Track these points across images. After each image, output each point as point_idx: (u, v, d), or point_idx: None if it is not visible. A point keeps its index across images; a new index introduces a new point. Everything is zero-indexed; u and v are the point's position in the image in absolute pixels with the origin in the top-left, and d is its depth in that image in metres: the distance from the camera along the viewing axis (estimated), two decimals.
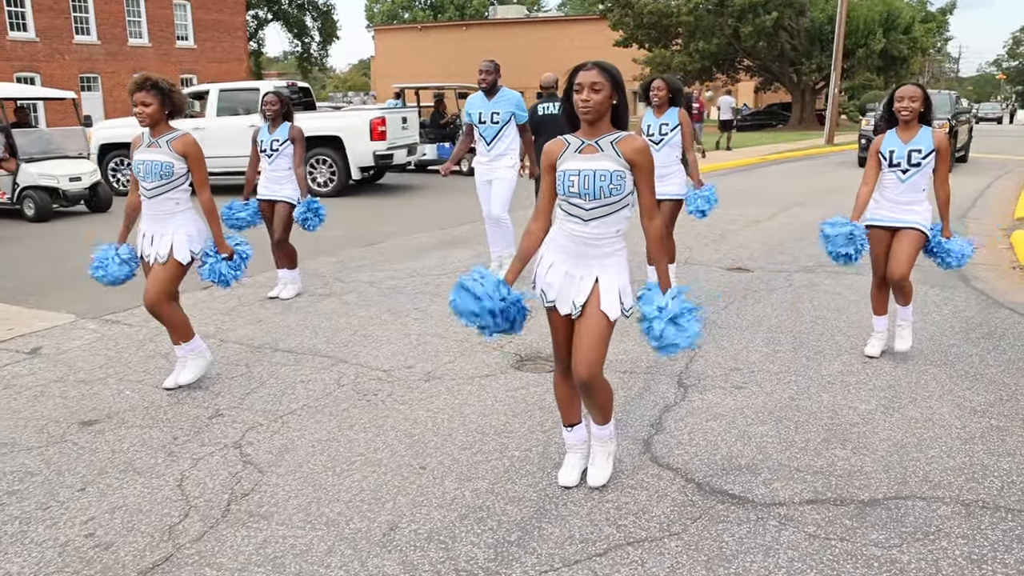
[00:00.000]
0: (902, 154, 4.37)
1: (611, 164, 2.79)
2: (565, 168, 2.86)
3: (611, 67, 2.83)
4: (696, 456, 3.41)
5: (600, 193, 2.80)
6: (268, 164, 6.17)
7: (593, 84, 2.76)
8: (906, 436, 3.57)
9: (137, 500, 3.21)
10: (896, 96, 4.39)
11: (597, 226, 2.85)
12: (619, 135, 2.85)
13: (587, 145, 2.86)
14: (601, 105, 2.79)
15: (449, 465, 3.44)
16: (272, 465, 3.49)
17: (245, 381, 4.56)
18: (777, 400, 4.01)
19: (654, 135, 5.91)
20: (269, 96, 6.13)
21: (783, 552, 2.68)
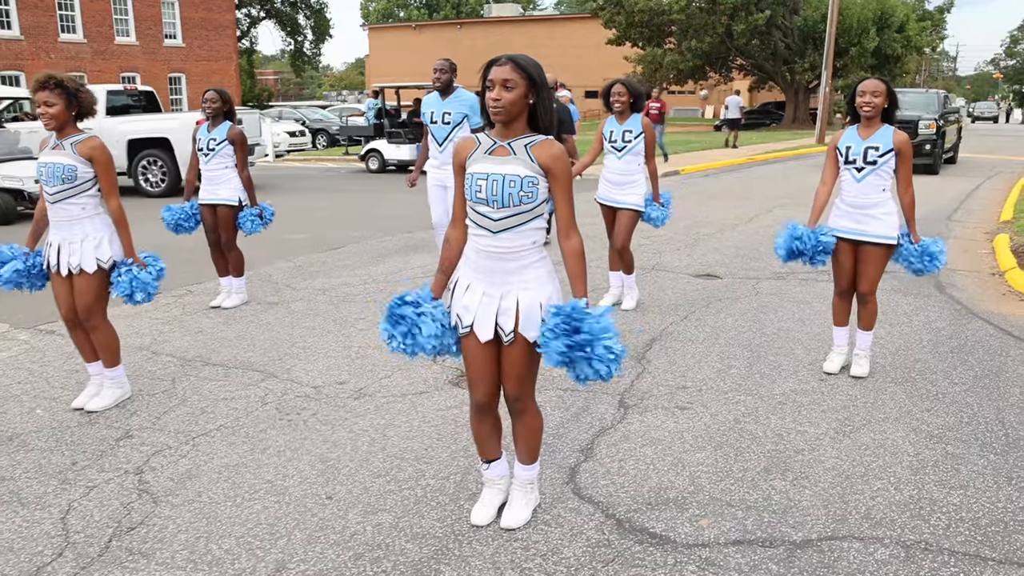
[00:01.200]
0: (858, 151, 4.13)
1: (523, 169, 2.52)
2: (473, 170, 2.59)
3: (529, 63, 2.53)
4: (622, 487, 3.14)
5: (509, 200, 2.52)
6: (204, 164, 5.90)
7: (505, 81, 2.47)
8: (853, 465, 3.30)
9: (11, 536, 2.94)
10: (858, 91, 4.14)
11: (509, 238, 2.57)
12: (535, 138, 2.57)
13: (499, 146, 2.59)
14: (513, 105, 2.50)
15: (358, 495, 3.18)
16: (169, 494, 3.23)
17: (166, 398, 4.30)
18: (721, 423, 3.75)
19: (616, 142, 5.64)
20: (209, 93, 5.87)
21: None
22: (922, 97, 17.29)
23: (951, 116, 17.99)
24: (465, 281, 2.69)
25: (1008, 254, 7.46)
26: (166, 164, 13.45)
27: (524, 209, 2.54)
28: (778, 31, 34.82)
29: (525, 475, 2.89)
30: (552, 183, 2.55)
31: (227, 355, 4.99)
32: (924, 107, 16.20)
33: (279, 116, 26.33)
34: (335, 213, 11.40)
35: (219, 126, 5.87)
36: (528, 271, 2.61)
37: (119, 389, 4.20)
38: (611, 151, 5.69)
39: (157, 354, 5.05)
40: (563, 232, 2.59)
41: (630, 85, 5.67)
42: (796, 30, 34.77)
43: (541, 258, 2.64)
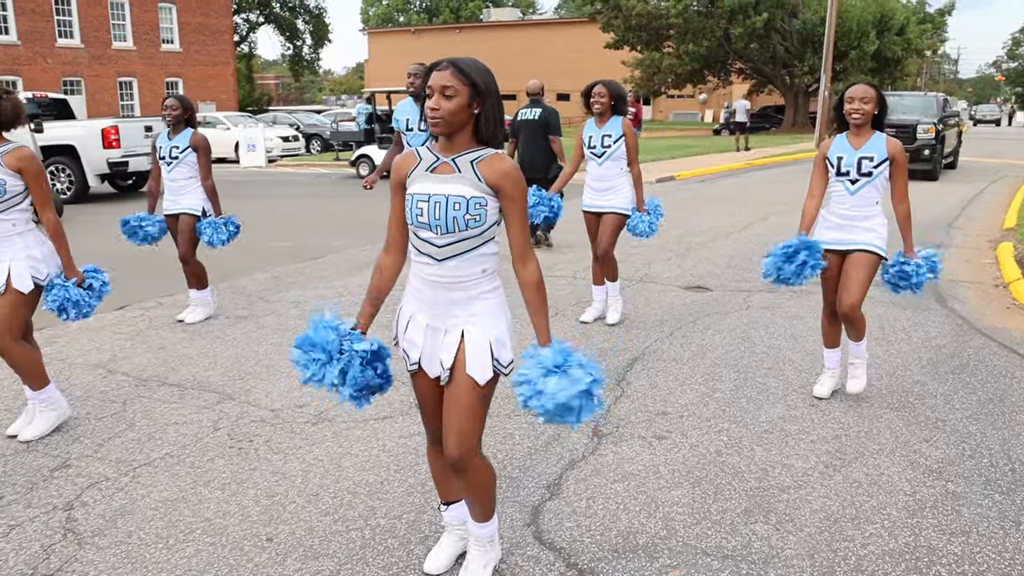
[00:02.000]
0: (851, 162, 3.84)
1: (468, 189, 2.23)
2: (414, 191, 2.30)
3: (473, 67, 2.23)
4: (588, 531, 2.86)
5: (454, 225, 2.23)
6: (167, 173, 5.67)
7: (444, 88, 2.18)
8: (843, 506, 3.02)
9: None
10: (846, 96, 3.85)
11: (455, 267, 2.28)
12: (482, 153, 2.27)
13: (442, 163, 2.28)
14: (454, 115, 2.19)
15: (301, 536, 2.90)
16: (96, 534, 2.95)
17: (114, 422, 4.02)
18: (701, 455, 3.47)
19: (596, 147, 5.36)
20: (169, 100, 5.63)
21: None
22: (920, 101, 17.00)
23: (951, 120, 17.68)
24: (408, 311, 2.42)
25: (1012, 264, 7.18)
26: (73, 172, 13.43)
27: (471, 234, 2.25)
28: (777, 34, 34.59)
29: (481, 532, 2.55)
30: (503, 202, 2.26)
31: (186, 374, 4.72)
32: (923, 111, 15.91)
33: (273, 121, 26.08)
34: (321, 220, 11.14)
35: (180, 133, 5.63)
36: (476, 303, 2.31)
37: (53, 411, 3.90)
38: (591, 157, 5.42)
39: (113, 372, 4.78)
40: (518, 259, 2.30)
41: (612, 86, 5.39)
42: (795, 33, 34.54)
43: (493, 288, 2.34)
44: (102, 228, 10.80)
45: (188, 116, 5.66)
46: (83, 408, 4.23)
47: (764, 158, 20.85)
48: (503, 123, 2.29)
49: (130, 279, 7.38)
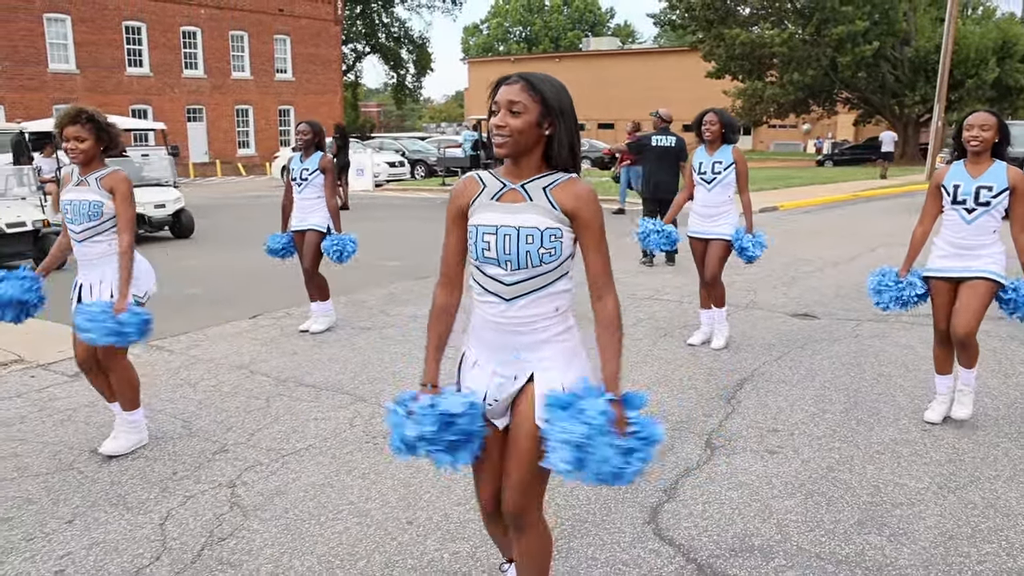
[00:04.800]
0: (969, 190, 3.83)
1: (543, 219, 2.00)
2: (478, 222, 2.06)
3: (547, 83, 2.02)
4: (705, 531, 3.05)
5: (527, 260, 2.00)
6: (298, 193, 6.13)
7: (512, 104, 1.97)
8: (959, 525, 3.09)
9: (117, 538, 3.11)
10: (965, 124, 3.86)
11: (524, 306, 2.05)
12: (556, 178, 2.04)
13: (509, 190, 2.06)
14: (522, 134, 1.98)
15: (438, 522, 3.20)
16: (259, 508, 3.34)
17: (260, 416, 4.47)
18: (813, 470, 3.59)
19: (706, 173, 5.54)
20: (302, 126, 6.13)
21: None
22: None
23: None
24: (472, 356, 2.17)
25: None
26: None
27: (545, 269, 2.02)
28: (887, 63, 33.63)
29: None
30: (579, 231, 2.03)
31: (319, 377, 5.15)
32: None
33: (380, 147, 27.21)
34: (429, 241, 11.64)
35: (311, 156, 6.08)
36: (547, 347, 2.08)
37: (136, 435, 4.02)
38: (701, 183, 5.59)
39: (254, 373, 5.26)
40: (594, 293, 2.06)
41: (722, 115, 5.58)
42: (906, 61, 33.49)
43: (566, 329, 2.10)
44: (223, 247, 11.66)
45: (318, 140, 6.11)
46: (233, 402, 4.70)
47: (871, 190, 20.31)
48: (578, 148, 2.07)
49: (260, 291, 8.00)
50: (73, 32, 30.31)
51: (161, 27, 33.10)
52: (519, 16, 73.70)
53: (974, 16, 40.37)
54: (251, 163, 35.88)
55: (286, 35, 37.87)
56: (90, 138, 3.72)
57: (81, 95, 30.48)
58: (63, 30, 30.15)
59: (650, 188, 8.99)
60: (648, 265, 9.15)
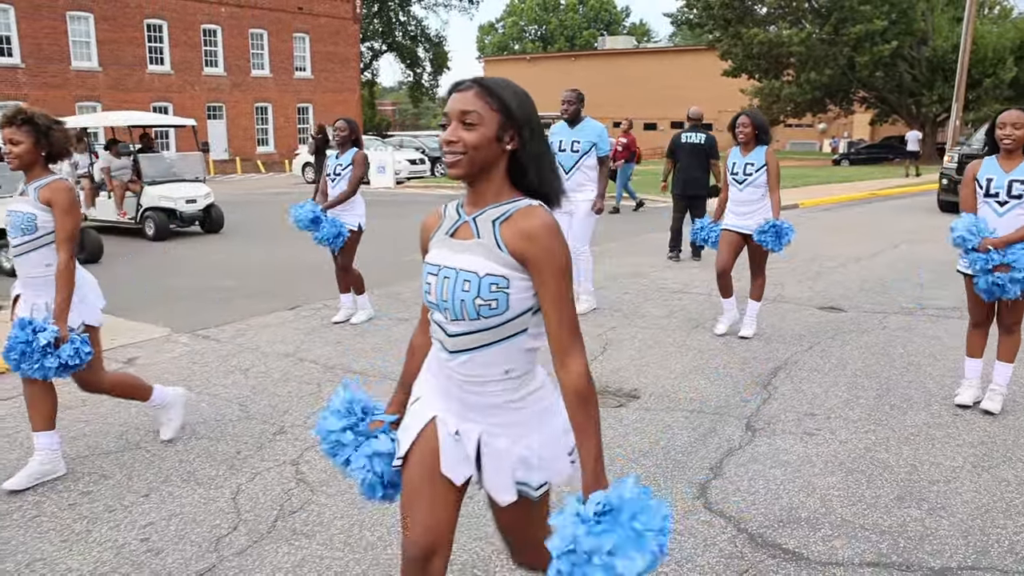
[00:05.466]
0: (1001, 184, 3.99)
1: (483, 262, 1.67)
2: (428, 259, 1.80)
3: (507, 89, 1.70)
4: (753, 505, 3.22)
5: (461, 310, 1.69)
6: (331, 189, 6.24)
7: (464, 114, 1.65)
8: (993, 500, 3.25)
9: (193, 510, 3.31)
10: (998, 122, 4.02)
11: (467, 363, 1.74)
12: (510, 207, 1.69)
13: (462, 224, 1.75)
14: (479, 151, 1.65)
15: None
16: (323, 485, 3.53)
17: (314, 400, 4.66)
18: (851, 450, 3.75)
19: (738, 174, 5.71)
20: (339, 123, 6.26)
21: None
22: None
23: None
24: (418, 392, 1.90)
25: None
26: None
27: (488, 324, 1.69)
28: (904, 62, 33.56)
29: None
30: (533, 277, 1.66)
31: (365, 364, 5.34)
32: None
33: (400, 144, 27.47)
34: None
35: (346, 152, 6.22)
36: (499, 413, 1.76)
37: (170, 408, 4.00)
38: (733, 183, 5.76)
39: (302, 360, 5.46)
40: (556, 357, 1.66)
41: (755, 117, 5.75)
42: (924, 61, 33.41)
43: (528, 394, 1.77)
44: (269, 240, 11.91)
45: (355, 137, 6.24)
46: (285, 387, 4.90)
47: (889, 189, 20.35)
48: (550, 166, 1.74)
49: (295, 284, 8.22)
50: (96, 30, 30.72)
51: (182, 25, 33.48)
52: (534, 15, 73.83)
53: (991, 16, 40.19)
54: (270, 160, 36.25)
55: (305, 33, 38.18)
56: (26, 141, 3.35)
57: (103, 92, 30.94)
58: (86, 28, 30.56)
59: (680, 185, 9.17)
60: (675, 260, 9.31)
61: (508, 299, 1.66)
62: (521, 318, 1.69)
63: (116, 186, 12.25)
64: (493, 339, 1.70)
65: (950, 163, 14.73)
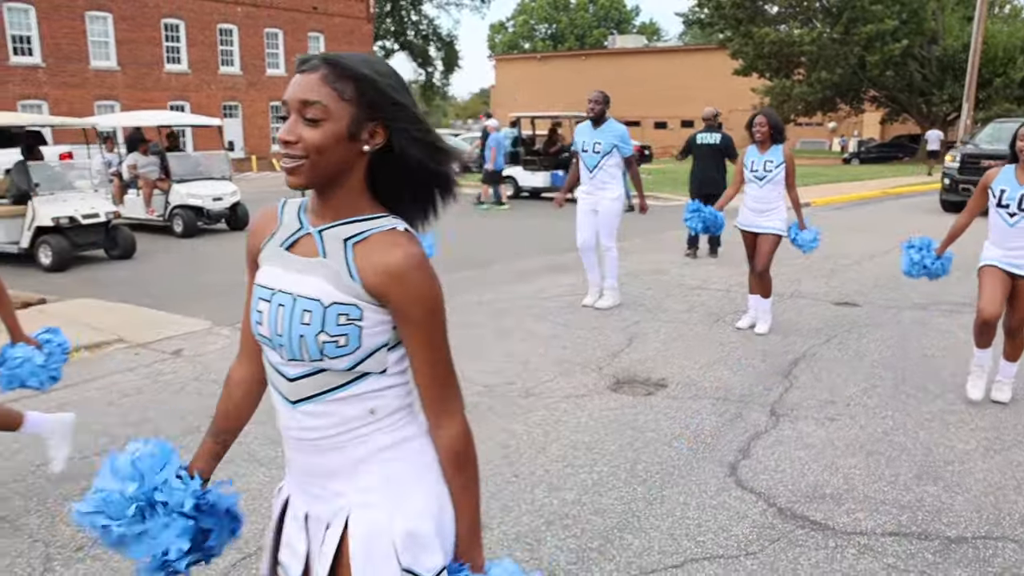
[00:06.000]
0: (1014, 195, 4.12)
1: (329, 288, 1.31)
2: (258, 279, 1.42)
3: (365, 66, 1.29)
4: (781, 482, 3.48)
5: (301, 349, 1.32)
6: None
7: (304, 106, 1.27)
8: (1005, 478, 3.50)
9: (259, 486, 3.58)
10: (1019, 135, 4.11)
11: (315, 414, 1.36)
12: (367, 227, 1.33)
13: (304, 235, 1.37)
14: (325, 154, 1.28)
15: (540, 476, 3.64)
16: None
17: None
18: (870, 434, 4.00)
19: (758, 171, 5.91)
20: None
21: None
22: None
23: None
24: (287, 491, 1.51)
25: None
26: None
27: (337, 366, 1.32)
28: (915, 61, 33.64)
29: None
30: (398, 322, 1.33)
31: None
32: None
33: None
34: (475, 234, 12.11)
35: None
36: (369, 469, 1.37)
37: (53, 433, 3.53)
38: (752, 180, 5.96)
39: None
40: (430, 416, 1.39)
41: (771, 117, 5.97)
42: (935, 60, 33.49)
43: (402, 440, 1.39)
44: None
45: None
46: None
47: (900, 187, 20.52)
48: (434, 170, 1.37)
49: None
50: (114, 30, 31.11)
51: (199, 25, 33.87)
52: (545, 13, 74.07)
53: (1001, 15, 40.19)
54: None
55: (320, 33, 38.52)
56: None
57: (121, 91, 31.35)
58: (104, 28, 30.97)
59: (696, 184, 9.42)
60: (692, 257, 9.56)
61: (359, 334, 1.30)
62: (376, 356, 1.33)
63: (144, 184, 12.57)
64: (343, 381, 1.33)
65: (952, 162, 14.74)
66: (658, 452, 3.84)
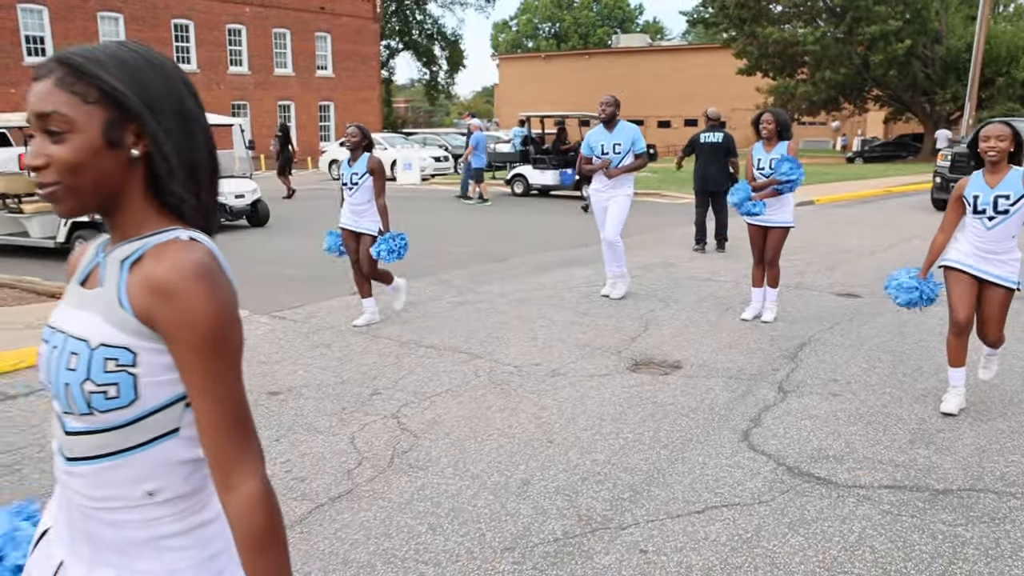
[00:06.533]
0: (988, 200, 4.04)
1: (100, 325, 1.12)
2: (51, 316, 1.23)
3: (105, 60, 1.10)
4: (789, 446, 3.89)
5: (67, 399, 1.13)
6: (349, 197, 6.22)
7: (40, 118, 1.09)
8: (989, 443, 3.91)
9: (320, 450, 4.00)
10: (981, 136, 4.02)
11: (90, 476, 1.15)
12: (144, 243, 1.14)
13: (95, 266, 1.21)
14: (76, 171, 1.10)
15: (572, 441, 4.05)
16: (424, 432, 4.22)
17: (396, 369, 5.35)
18: (870, 407, 4.41)
19: (764, 168, 6.24)
20: (351, 128, 6.19)
21: (857, 522, 3.15)
22: None
23: None
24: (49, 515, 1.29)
25: None
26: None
27: (112, 422, 1.12)
28: (918, 61, 33.99)
29: None
30: (173, 354, 1.11)
31: (435, 340, 6.03)
32: None
33: (424, 142, 28.21)
34: (493, 229, 12.52)
35: (359, 159, 6.14)
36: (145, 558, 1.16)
37: None
38: (760, 178, 6.33)
39: (377, 337, 6.15)
40: (217, 473, 1.12)
41: (778, 115, 6.31)
42: (938, 60, 33.84)
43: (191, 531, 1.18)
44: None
45: (367, 142, 6.16)
46: (368, 359, 5.59)
47: (902, 186, 20.89)
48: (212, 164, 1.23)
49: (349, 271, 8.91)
50: (126, 30, 31.53)
51: (208, 25, 34.31)
52: (548, 12, 74.42)
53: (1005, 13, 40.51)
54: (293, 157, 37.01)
55: (327, 33, 38.95)
56: None
57: None
58: (116, 28, 31.39)
59: (700, 181, 9.85)
60: (700, 251, 9.97)
61: (136, 383, 1.10)
62: (165, 413, 1.13)
63: None
64: (121, 445, 1.13)
65: (943, 161, 14.97)
66: (677, 422, 4.25)
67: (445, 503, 3.40)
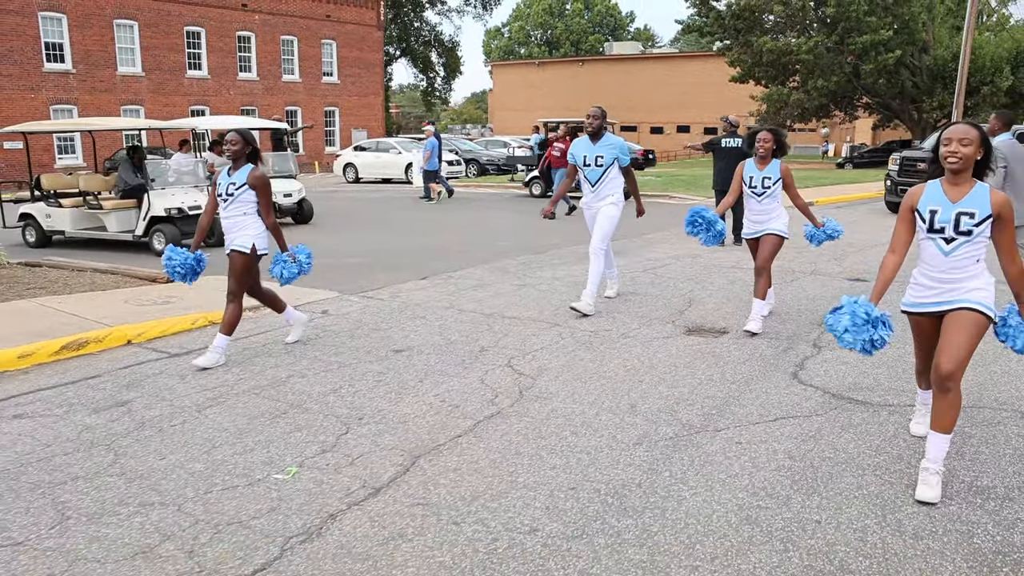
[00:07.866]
0: (947, 217, 3.32)
1: None
2: None
3: None
4: (830, 381, 5.01)
5: None
6: (223, 210, 5.53)
7: None
8: (986, 378, 5.04)
9: (460, 388, 5.05)
10: (943, 138, 3.32)
11: None
12: None
13: None
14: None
15: (657, 381, 5.14)
16: (538, 375, 5.29)
17: (492, 334, 6.41)
18: (891, 356, 5.53)
19: (756, 187, 6.16)
20: (230, 135, 5.46)
21: (891, 425, 4.26)
22: None
23: None
24: None
25: None
26: None
27: None
28: (907, 70, 35.44)
29: None
30: None
31: (515, 313, 7.08)
32: None
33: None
34: (524, 226, 13.61)
35: (240, 169, 5.49)
36: None
37: None
38: (751, 195, 6.20)
39: (462, 311, 7.21)
40: None
41: (778, 134, 6.13)
42: (925, 69, 35.30)
43: None
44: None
45: (250, 151, 5.50)
46: (463, 326, 6.63)
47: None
48: None
49: (409, 260, 9.97)
50: (140, 37, 32.45)
51: (219, 32, 35.26)
52: (540, 20, 75.75)
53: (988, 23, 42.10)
54: (300, 161, 37.92)
55: (332, 40, 39.99)
56: None
57: (146, 96, 32.71)
58: (131, 35, 32.30)
59: (720, 183, 11.01)
60: (721, 246, 11.08)
61: None
62: None
63: None
64: None
65: (893, 165, 15.06)
66: (737, 368, 5.36)
67: (576, 419, 4.48)
